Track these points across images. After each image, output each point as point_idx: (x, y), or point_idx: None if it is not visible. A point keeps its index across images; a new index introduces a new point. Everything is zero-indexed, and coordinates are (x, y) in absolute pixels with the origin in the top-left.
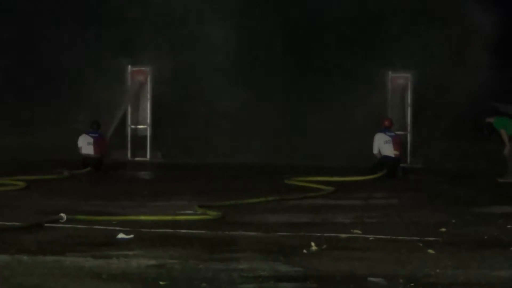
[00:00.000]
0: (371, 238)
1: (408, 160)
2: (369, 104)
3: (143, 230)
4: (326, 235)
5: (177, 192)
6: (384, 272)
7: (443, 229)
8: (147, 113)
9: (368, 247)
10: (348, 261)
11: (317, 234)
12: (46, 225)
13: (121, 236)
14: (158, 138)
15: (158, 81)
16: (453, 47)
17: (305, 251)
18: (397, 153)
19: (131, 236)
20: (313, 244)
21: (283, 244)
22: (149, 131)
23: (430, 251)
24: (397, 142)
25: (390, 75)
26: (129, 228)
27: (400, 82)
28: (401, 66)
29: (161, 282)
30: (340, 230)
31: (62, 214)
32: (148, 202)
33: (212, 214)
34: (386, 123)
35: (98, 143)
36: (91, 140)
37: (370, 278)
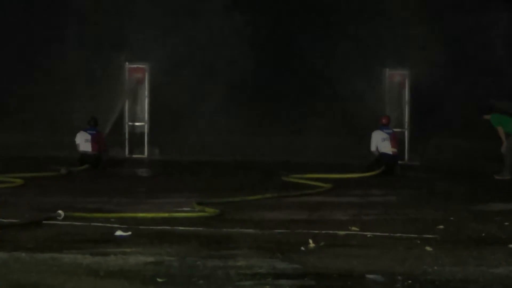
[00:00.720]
0: (369, 235)
1: (406, 158)
2: (366, 101)
3: (141, 227)
4: (323, 232)
5: (174, 189)
6: (381, 269)
7: (441, 226)
8: (145, 110)
9: (366, 244)
10: (346, 258)
11: (315, 231)
12: (43, 222)
13: (119, 233)
14: (155, 135)
15: (156, 78)
16: (450, 44)
17: (302, 248)
18: (395, 150)
19: (129, 233)
20: (310, 241)
21: (281, 241)
22: (146, 128)
23: (428, 248)
24: (394, 139)
25: (387, 72)
26: (127, 225)
27: (397, 79)
28: (398, 63)
29: (159, 279)
30: (338, 227)
31: (60, 211)
32: (146, 199)
33: (210, 211)
34: (384, 121)
35: (96, 140)
36: (88, 137)
37: (368, 275)
